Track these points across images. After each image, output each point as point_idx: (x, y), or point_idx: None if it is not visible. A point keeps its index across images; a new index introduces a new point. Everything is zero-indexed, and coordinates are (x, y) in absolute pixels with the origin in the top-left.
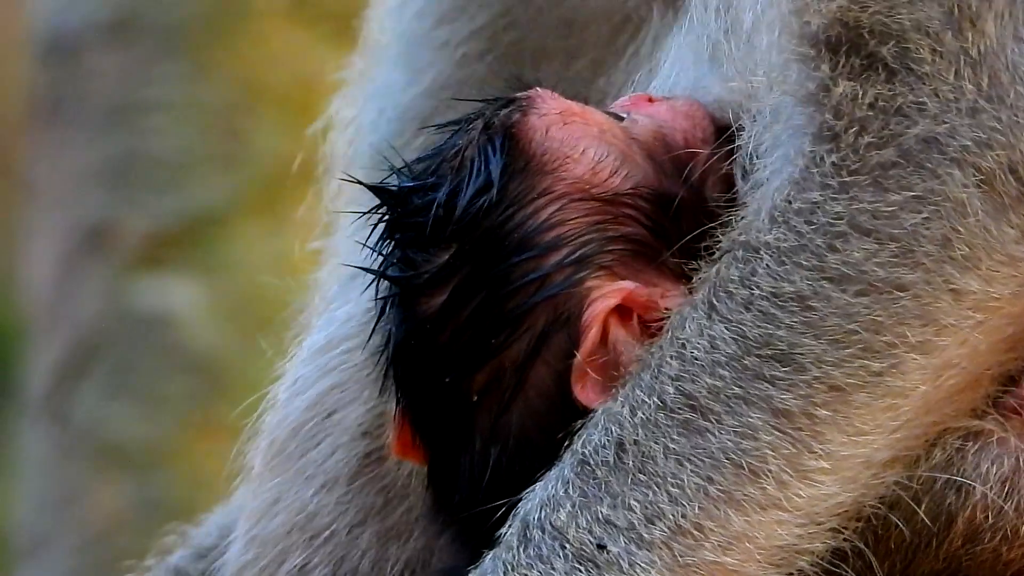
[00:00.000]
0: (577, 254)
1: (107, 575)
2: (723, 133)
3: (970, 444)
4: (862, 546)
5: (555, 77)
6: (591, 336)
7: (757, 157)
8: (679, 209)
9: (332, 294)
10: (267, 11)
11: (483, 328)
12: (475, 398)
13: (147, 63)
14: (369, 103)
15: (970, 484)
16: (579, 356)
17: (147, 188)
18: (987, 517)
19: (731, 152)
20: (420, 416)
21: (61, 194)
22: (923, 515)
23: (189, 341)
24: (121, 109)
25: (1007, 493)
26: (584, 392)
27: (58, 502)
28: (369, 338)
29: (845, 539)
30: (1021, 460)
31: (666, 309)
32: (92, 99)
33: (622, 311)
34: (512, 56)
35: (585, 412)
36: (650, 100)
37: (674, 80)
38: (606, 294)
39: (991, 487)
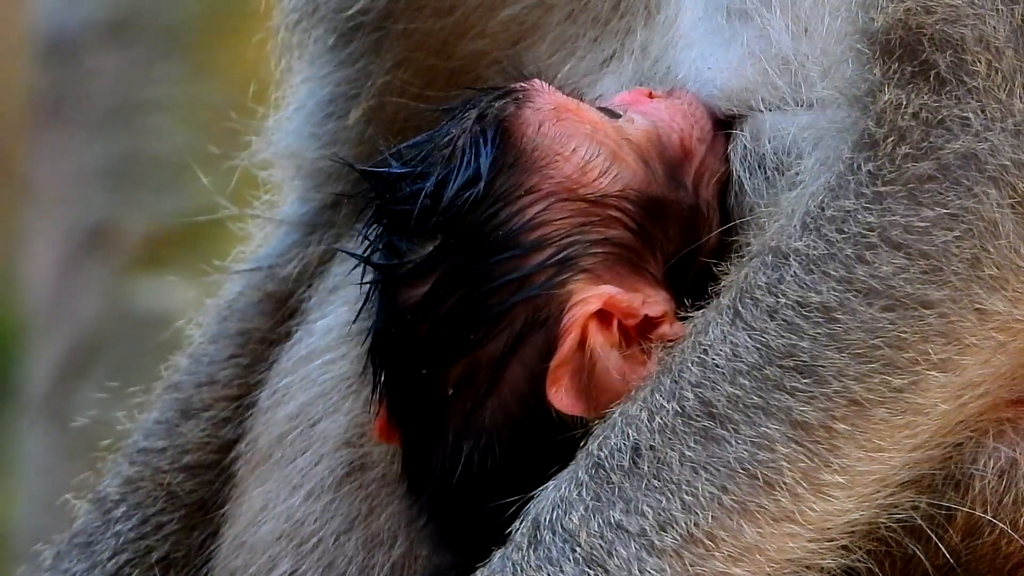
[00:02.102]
0: (560, 255)
1: None
2: (722, 127)
3: (967, 438)
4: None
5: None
6: (569, 341)
7: (796, 147)
8: (668, 213)
9: (311, 305)
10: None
11: (462, 323)
12: (450, 392)
13: (147, 63)
14: None
15: (968, 479)
16: (555, 360)
17: (147, 188)
18: (986, 511)
19: (729, 150)
20: (397, 404)
21: (61, 194)
22: (922, 522)
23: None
24: (121, 109)
25: (1005, 487)
26: (558, 396)
27: (58, 502)
28: (355, 320)
29: (857, 559)
30: (1018, 452)
31: (645, 315)
32: (92, 99)
33: (602, 316)
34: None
35: (558, 416)
36: (651, 95)
37: (676, 64)
38: (587, 299)
39: (989, 481)
